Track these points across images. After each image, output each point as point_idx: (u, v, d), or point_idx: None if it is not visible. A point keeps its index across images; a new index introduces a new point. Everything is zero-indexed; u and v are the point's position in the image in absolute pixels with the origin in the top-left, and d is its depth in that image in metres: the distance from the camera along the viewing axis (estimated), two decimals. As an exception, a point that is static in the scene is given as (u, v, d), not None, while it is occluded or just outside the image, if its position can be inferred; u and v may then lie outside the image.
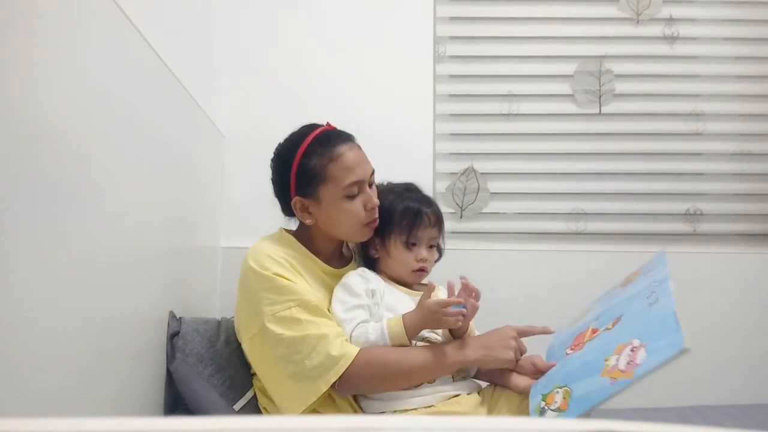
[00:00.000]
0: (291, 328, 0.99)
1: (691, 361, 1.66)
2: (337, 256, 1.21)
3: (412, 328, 1.02)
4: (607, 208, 1.78)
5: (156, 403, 1.12)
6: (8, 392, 0.64)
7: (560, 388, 0.85)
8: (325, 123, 1.16)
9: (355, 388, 1.02)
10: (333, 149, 1.09)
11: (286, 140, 1.15)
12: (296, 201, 1.11)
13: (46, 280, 0.71)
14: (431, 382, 1.04)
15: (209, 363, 1.17)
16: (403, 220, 1.13)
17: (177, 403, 1.16)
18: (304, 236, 1.16)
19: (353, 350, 0.98)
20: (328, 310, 1.07)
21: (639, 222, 1.78)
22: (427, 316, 1.01)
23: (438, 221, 1.17)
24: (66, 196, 0.76)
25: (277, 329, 0.99)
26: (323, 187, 1.08)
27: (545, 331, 1.07)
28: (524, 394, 1.03)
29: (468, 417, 0.98)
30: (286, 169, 1.12)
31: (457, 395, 1.04)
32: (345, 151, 1.09)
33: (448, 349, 1.03)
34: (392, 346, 1.01)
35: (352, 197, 1.09)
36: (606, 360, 0.79)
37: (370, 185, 1.14)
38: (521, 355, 1.06)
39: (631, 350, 0.75)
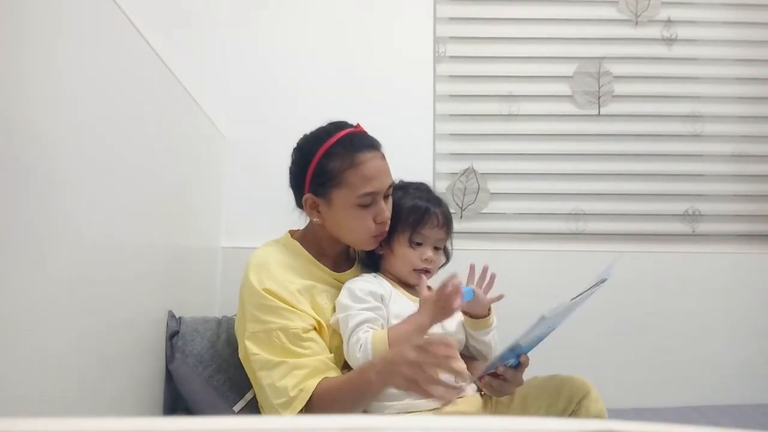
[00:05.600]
0: (265, 350, 0.99)
1: (692, 361, 1.69)
2: (343, 258, 1.19)
3: (400, 340, 0.95)
4: (607, 208, 1.79)
5: (156, 403, 1.12)
6: (8, 392, 0.64)
7: None
8: (355, 124, 1.12)
9: (326, 412, 0.98)
10: (355, 155, 1.04)
11: (311, 134, 1.11)
12: (308, 197, 1.09)
13: (45, 280, 0.71)
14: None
15: (209, 363, 1.17)
16: (410, 217, 1.11)
17: (177, 403, 1.16)
18: (310, 238, 1.14)
19: (311, 385, 0.95)
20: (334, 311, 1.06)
21: (638, 222, 1.79)
22: (433, 307, 0.99)
23: (446, 222, 1.14)
24: (65, 196, 0.76)
25: (254, 348, 1.00)
26: (337, 191, 1.05)
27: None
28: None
29: (468, 417, 0.98)
30: (305, 164, 1.08)
31: (461, 396, 1.03)
32: (367, 159, 1.05)
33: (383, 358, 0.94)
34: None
35: (364, 206, 1.05)
36: None
37: (386, 198, 1.09)
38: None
39: None
